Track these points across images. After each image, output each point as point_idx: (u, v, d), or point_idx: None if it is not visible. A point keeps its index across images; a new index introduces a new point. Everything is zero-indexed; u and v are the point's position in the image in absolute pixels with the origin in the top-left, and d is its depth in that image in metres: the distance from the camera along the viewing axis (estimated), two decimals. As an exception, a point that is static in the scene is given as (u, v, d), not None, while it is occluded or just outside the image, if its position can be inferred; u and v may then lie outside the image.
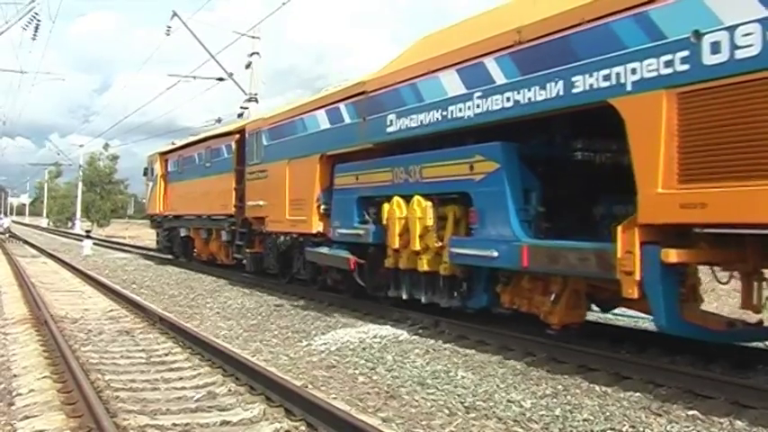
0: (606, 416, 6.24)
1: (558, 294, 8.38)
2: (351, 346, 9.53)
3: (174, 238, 25.29)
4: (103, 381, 7.53)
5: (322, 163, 13.20)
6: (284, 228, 14.75)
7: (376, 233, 11.24)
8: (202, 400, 6.86)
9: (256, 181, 16.41)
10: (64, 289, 17.38)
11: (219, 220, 19.58)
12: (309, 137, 13.72)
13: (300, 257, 14.63)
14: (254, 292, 16.05)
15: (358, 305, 12.75)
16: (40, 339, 10.00)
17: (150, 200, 28.02)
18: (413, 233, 10.20)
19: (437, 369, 8.12)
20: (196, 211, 21.91)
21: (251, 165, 16.79)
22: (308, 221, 13.47)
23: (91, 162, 73.52)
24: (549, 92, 7.82)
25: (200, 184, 21.58)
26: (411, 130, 10.37)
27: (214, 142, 20.74)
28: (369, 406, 6.62)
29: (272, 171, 15.44)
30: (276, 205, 14.98)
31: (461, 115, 9.29)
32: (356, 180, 11.95)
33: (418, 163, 10.25)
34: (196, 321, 12.00)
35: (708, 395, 6.59)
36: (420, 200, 10.11)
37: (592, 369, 7.79)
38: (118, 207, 77.30)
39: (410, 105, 10.36)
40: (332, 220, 12.70)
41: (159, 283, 18.72)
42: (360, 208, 11.88)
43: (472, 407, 6.59)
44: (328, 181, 13.08)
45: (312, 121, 13.62)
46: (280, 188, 14.77)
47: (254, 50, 26.33)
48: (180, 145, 25.28)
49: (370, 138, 11.50)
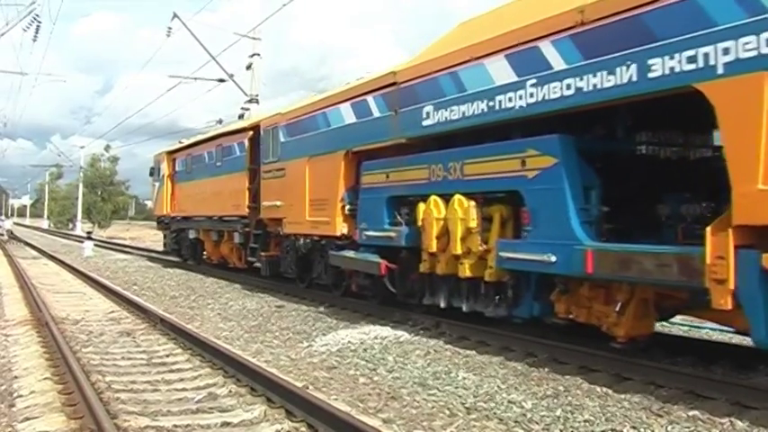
0: (607, 417, 6.24)
1: (624, 304, 7.53)
2: (352, 347, 9.53)
3: (183, 241, 24.44)
4: (104, 382, 7.53)
5: (347, 160, 12.40)
6: (304, 230, 14.01)
7: (409, 236, 10.44)
8: (203, 402, 6.86)
9: (272, 180, 15.57)
10: (65, 290, 17.39)
11: (232, 221, 18.70)
12: (332, 132, 12.88)
13: (321, 261, 13.91)
14: (255, 294, 16.05)
15: (358, 306, 12.75)
16: (40, 341, 10.00)
17: (157, 201, 26.91)
18: (453, 236, 9.40)
19: (438, 370, 8.12)
20: (206, 212, 20.95)
21: (266, 163, 15.95)
22: (331, 223, 12.70)
23: (92, 163, 73.51)
24: (620, 77, 7.00)
25: (210, 183, 20.67)
26: (451, 123, 9.56)
27: (225, 140, 19.78)
28: (370, 407, 6.62)
29: (290, 169, 14.61)
30: (295, 206, 14.22)
31: (511, 105, 8.47)
32: (386, 178, 11.13)
33: (459, 159, 9.47)
34: (197, 323, 12.00)
35: (709, 396, 6.60)
36: (462, 199, 9.32)
37: (593, 370, 7.80)
38: (119, 208, 77.26)
39: (450, 96, 9.54)
40: (358, 221, 11.86)
41: (160, 285, 18.72)
42: (390, 208, 11.09)
43: (473, 408, 6.59)
44: (354, 179, 12.35)
45: (335, 115, 12.78)
46: (299, 188, 13.97)
47: (255, 52, 26.36)
48: (188, 143, 24.32)
49: (403, 132, 10.67)
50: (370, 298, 12.49)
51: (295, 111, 14.76)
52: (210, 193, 20.52)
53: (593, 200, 7.80)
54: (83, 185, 71.30)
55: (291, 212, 14.43)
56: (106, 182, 73.99)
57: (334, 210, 12.58)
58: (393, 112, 10.85)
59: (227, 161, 19.36)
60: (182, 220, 23.94)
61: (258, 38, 26.18)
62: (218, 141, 20.33)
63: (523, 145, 8.39)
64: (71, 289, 17.83)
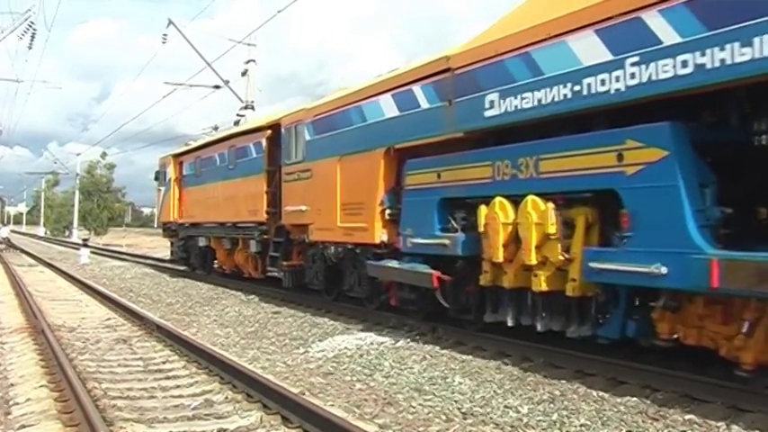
0: (603, 421, 6.25)
1: (753, 323, 6.29)
2: (348, 353, 9.53)
3: (192, 249, 22.83)
4: (100, 389, 7.52)
5: (387, 158, 11.14)
6: (335, 237, 12.69)
7: (467, 243, 9.19)
8: (199, 408, 6.86)
9: (296, 183, 14.25)
10: (61, 298, 17.37)
11: (248, 228, 17.30)
12: (370, 128, 11.57)
13: (354, 272, 12.66)
14: (251, 300, 16.04)
15: (355, 312, 12.75)
16: (36, 348, 10.00)
17: (163, 206, 25.17)
18: (525, 243, 8.10)
19: (434, 375, 8.12)
20: (218, 218, 19.52)
21: (289, 164, 14.63)
22: (368, 229, 11.42)
23: (89, 170, 73.50)
24: (760, 49, 5.76)
25: (222, 188, 19.25)
26: (522, 112, 8.27)
27: (239, 140, 18.22)
28: (366, 413, 6.62)
29: (317, 170, 13.31)
30: (323, 211, 12.95)
31: (603, 90, 7.21)
32: (437, 178, 9.83)
33: (533, 154, 8.18)
34: (193, 329, 11.99)
35: (704, 399, 6.60)
36: (536, 201, 8.01)
37: (588, 374, 7.80)
38: (115, 215, 77.24)
39: (521, 81, 8.24)
40: (401, 227, 10.60)
41: (156, 292, 18.71)
42: (443, 212, 9.84)
43: (469, 413, 6.59)
44: (395, 180, 11.15)
45: (373, 108, 11.47)
46: (328, 190, 12.70)
47: (250, 58, 26.42)
48: (197, 145, 22.69)
49: (460, 125, 9.36)
50: (413, 313, 11.30)
51: (323, 105, 13.44)
52: (223, 198, 19.20)
53: (709, 200, 6.62)
54: (79, 193, 71.28)
55: (319, 218, 13.19)
56: (102, 189, 73.98)
57: (371, 214, 11.34)
58: (446, 103, 9.60)
59: (241, 163, 17.90)
60: (190, 227, 22.49)
61: (253, 44, 26.30)
62: (231, 142, 18.85)
63: (621, 136, 7.13)
64: (67, 296, 17.82)
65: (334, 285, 13.76)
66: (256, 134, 17.03)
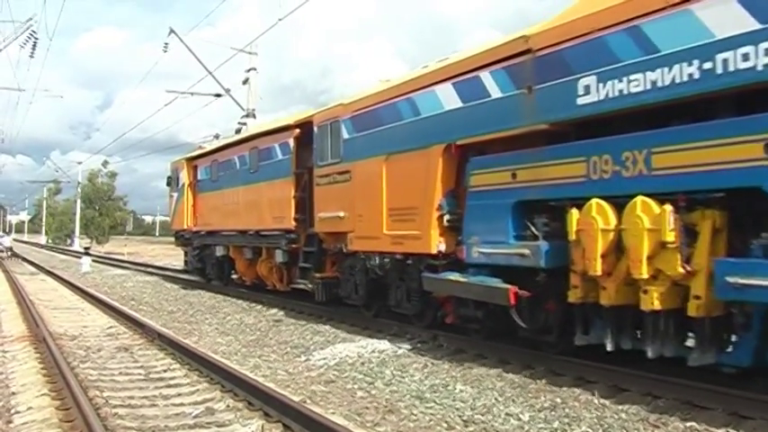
0: (604, 428, 6.25)
1: None
2: (349, 361, 9.53)
3: (207, 259, 21.36)
4: (102, 398, 7.52)
5: (447, 156, 9.83)
6: (379, 246, 11.35)
7: (551, 253, 7.93)
8: (201, 417, 6.86)
9: (332, 186, 12.93)
10: (62, 306, 17.38)
11: (273, 236, 15.84)
12: (424, 122, 10.27)
13: (402, 286, 11.33)
14: (252, 308, 16.04)
15: (356, 320, 12.75)
16: (38, 357, 10.01)
17: (175, 213, 23.71)
18: (633, 253, 6.87)
19: (436, 383, 8.12)
20: (238, 225, 18.11)
21: (322, 166, 13.26)
22: (422, 238, 10.12)
23: (90, 179, 73.62)
24: None
25: (242, 193, 17.88)
26: (630, 98, 7.07)
27: (262, 141, 16.78)
28: (367, 420, 6.62)
29: (358, 172, 12.00)
30: (366, 217, 11.69)
31: (747, 66, 6.04)
32: (512, 178, 8.55)
33: (644, 146, 6.94)
34: (195, 337, 11.99)
35: (706, 406, 6.60)
36: (648, 203, 6.78)
37: (590, 381, 7.80)
38: (117, 224, 77.31)
39: (629, 60, 7.07)
40: (465, 234, 9.35)
41: (158, 300, 18.71)
42: (519, 217, 8.55)
43: (471, 420, 6.59)
44: (455, 181, 9.94)
45: (428, 100, 10.18)
46: (372, 194, 11.43)
47: (252, 66, 26.48)
48: (213, 148, 21.26)
49: (544, 115, 8.11)
50: (473, 333, 10.01)
51: (365, 99, 12.04)
52: (243, 204, 17.84)
53: None
54: (81, 201, 71.36)
55: (360, 225, 11.89)
56: (104, 197, 74.05)
57: (427, 221, 10.03)
58: (524, 91, 8.35)
59: (265, 166, 16.52)
60: (206, 236, 21.01)
61: (254, 52, 26.33)
62: (253, 144, 17.44)
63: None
64: (69, 304, 17.83)
65: (376, 300, 12.45)
66: (283, 134, 15.63)
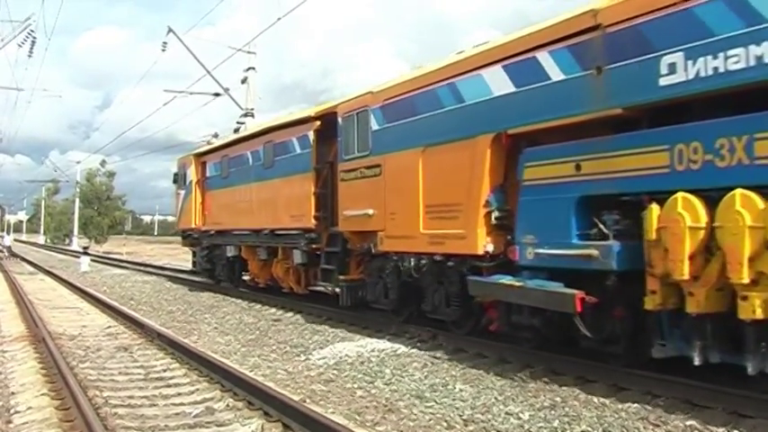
0: (604, 427, 6.25)
1: None
2: (349, 360, 9.53)
3: (217, 259, 20.38)
4: (101, 397, 7.52)
5: (496, 147, 8.96)
6: (415, 247, 10.47)
7: (625, 254, 7.11)
8: (201, 416, 6.86)
9: (359, 181, 12.03)
10: (62, 306, 17.37)
11: (290, 235, 14.97)
12: (469, 110, 9.39)
13: (440, 289, 10.39)
14: (252, 307, 16.03)
15: (355, 319, 12.74)
16: (37, 356, 10.00)
17: (183, 212, 22.63)
18: (733, 254, 6.08)
19: (435, 382, 8.12)
20: (251, 224, 17.16)
21: (348, 159, 12.38)
22: (467, 237, 9.27)
23: (88, 178, 73.54)
24: None
25: (256, 190, 16.95)
26: (730, 76, 6.24)
27: (278, 135, 15.79)
28: (367, 420, 6.62)
29: (389, 165, 11.12)
30: (399, 215, 10.83)
31: None
32: (576, 170, 7.68)
33: (745, 132, 6.12)
34: (194, 337, 11.98)
35: (706, 405, 6.62)
36: (750, 196, 6.02)
37: (590, 380, 7.81)
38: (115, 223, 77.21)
39: (727, 34, 6.24)
40: (517, 233, 8.52)
41: (157, 299, 18.70)
42: (584, 214, 7.67)
43: (470, 419, 6.59)
44: (503, 175, 9.10)
45: (474, 85, 9.30)
46: (406, 189, 10.59)
47: (250, 66, 26.47)
48: (223, 143, 20.33)
49: (617, 99, 7.24)
50: (523, 342, 9.10)
51: (398, 86, 11.14)
52: (257, 202, 16.92)
53: None
54: (79, 200, 71.28)
55: (393, 224, 11.01)
56: (102, 197, 73.96)
57: (472, 218, 9.19)
58: (593, 71, 7.52)
59: (281, 161, 15.59)
60: (216, 235, 20.07)
61: (253, 52, 26.30)
62: (268, 138, 16.41)
63: None
64: (68, 304, 17.81)
65: (407, 304, 11.62)
66: (301, 126, 14.69)
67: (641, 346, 7.41)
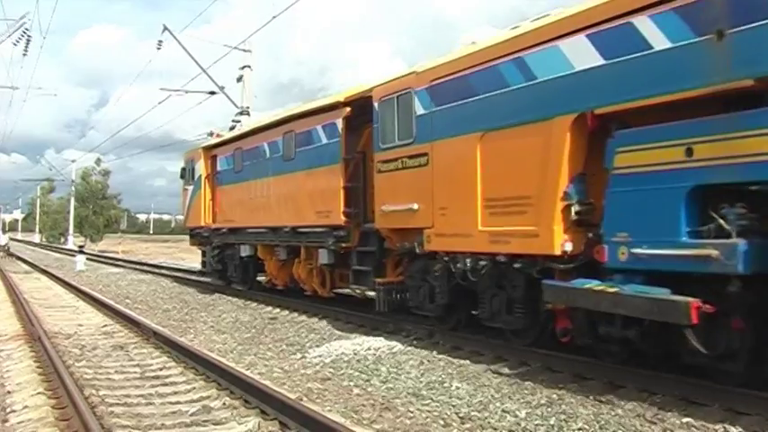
0: (601, 425, 6.26)
1: None
2: (345, 358, 9.53)
3: (230, 259, 19.05)
4: (98, 396, 7.50)
5: (577, 130, 7.75)
6: (472, 246, 9.24)
7: (754, 254, 6.04)
8: (197, 415, 6.85)
9: (400, 173, 10.79)
10: (57, 305, 17.33)
11: (315, 233, 13.82)
12: (542, 88, 8.18)
13: (500, 294, 9.19)
14: (248, 306, 16.01)
15: (352, 317, 12.74)
16: (33, 355, 9.97)
17: (191, 209, 21.31)
18: None
19: (432, 380, 8.13)
20: (268, 222, 15.93)
21: (386, 149, 11.14)
22: (540, 234, 8.06)
23: (83, 177, 73.45)
24: None
25: (274, 184, 15.68)
26: None
27: (300, 124, 14.52)
28: (364, 418, 6.63)
29: (438, 154, 9.92)
30: (451, 209, 9.67)
31: None
32: (687, 155, 6.50)
33: None
34: (190, 335, 11.98)
35: (702, 402, 6.63)
36: None
37: (586, 378, 7.81)
38: (111, 222, 77.16)
39: None
40: (606, 230, 7.30)
41: (153, 298, 18.68)
42: (697, 207, 6.55)
43: (467, 417, 6.60)
44: (583, 162, 7.91)
45: (549, 58, 8.09)
46: (460, 180, 9.40)
47: (246, 64, 26.44)
48: (236, 135, 18.93)
49: (748, 68, 6.10)
50: (605, 356, 7.91)
51: (449, 65, 9.87)
52: (275, 198, 15.68)
53: None
54: (74, 199, 71.19)
55: (443, 220, 9.81)
56: (97, 195, 73.90)
57: (546, 213, 8.01)
58: (711, 37, 6.38)
59: (303, 152, 14.35)
60: (228, 234, 18.74)
61: (248, 50, 26.26)
62: (288, 127, 15.08)
63: None
64: (63, 303, 17.78)
65: (456, 311, 10.47)
66: (328, 114, 13.44)
67: (766, 363, 6.37)
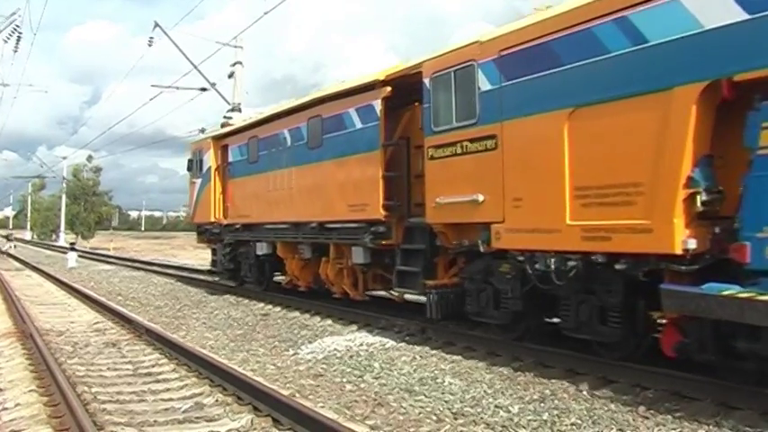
0: (594, 419, 6.28)
1: None
2: (338, 355, 9.53)
3: (243, 258, 17.57)
4: (90, 393, 7.48)
5: (705, 102, 6.52)
6: (559, 243, 7.82)
7: None
8: (190, 411, 6.84)
9: (459, 159, 9.40)
10: (49, 302, 17.27)
11: (348, 229, 12.49)
12: (655, 52, 6.86)
13: (590, 300, 7.92)
14: (240, 302, 15.99)
15: (344, 313, 12.73)
16: (25, 353, 9.93)
17: (199, 204, 19.79)
18: None
19: (424, 376, 8.13)
20: (289, 217, 14.54)
21: (439, 132, 9.76)
22: (653, 229, 6.77)
23: (75, 174, 73.18)
24: None
25: (297, 175, 14.26)
26: None
27: (329, 108, 13.11)
28: (357, 414, 6.63)
29: (512, 136, 8.52)
30: (529, 200, 8.28)
31: None
32: None
33: None
34: (182, 332, 11.95)
35: (694, 397, 6.66)
36: None
37: (579, 373, 7.84)
38: (102, 219, 76.92)
39: None
40: (746, 225, 6.12)
41: (145, 295, 18.63)
42: None
43: (460, 413, 6.61)
44: (710, 141, 6.67)
45: (666, 16, 6.80)
46: (541, 166, 8.04)
47: (237, 60, 26.36)
48: (251, 122, 17.12)
49: None
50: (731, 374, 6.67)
51: (523, 31, 8.50)
52: (298, 190, 14.25)
53: None
54: (66, 196, 70.92)
55: (517, 213, 8.44)
56: (89, 192, 73.63)
57: (662, 203, 6.74)
58: None
59: (332, 139, 12.95)
60: (242, 230, 17.24)
61: (240, 46, 26.18)
62: (314, 112, 13.70)
63: None
64: (55, 300, 17.72)
65: (525, 318, 9.11)
66: (363, 95, 12.03)
67: None
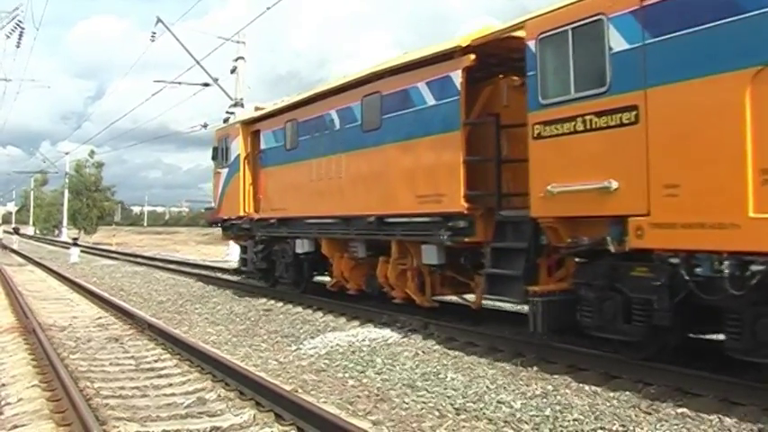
0: (596, 415, 6.27)
1: None
2: (340, 350, 9.53)
3: (278, 256, 15.73)
4: (93, 388, 7.49)
5: None
6: (734, 242, 6.13)
7: None
8: (192, 407, 6.85)
9: (579, 137, 7.72)
10: (52, 297, 17.29)
11: (415, 223, 10.82)
12: None
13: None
14: (242, 298, 15.99)
15: (346, 309, 12.73)
16: (28, 348, 9.94)
17: (225, 195, 17.88)
18: None
19: (427, 371, 8.13)
20: (338, 210, 12.87)
21: (549, 106, 8.11)
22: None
23: (77, 169, 73.21)
24: None
25: (348, 162, 12.59)
26: None
27: (391, 83, 11.38)
28: (359, 409, 6.62)
29: (663, 106, 6.81)
30: (688, 187, 6.55)
31: None
32: None
33: None
34: (185, 327, 11.96)
35: (697, 393, 6.65)
36: None
37: (581, 369, 7.83)
38: (105, 214, 76.97)
39: None
40: None
41: (147, 290, 18.64)
42: None
43: (462, 408, 6.60)
44: None
45: None
46: (709, 145, 6.39)
47: (239, 55, 26.37)
48: (289, 103, 15.21)
49: None
50: None
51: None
52: (350, 179, 12.56)
53: None
54: (68, 191, 70.97)
55: (671, 203, 6.68)
56: (91, 188, 73.67)
57: None
58: None
59: (395, 120, 11.20)
60: (277, 225, 15.35)
61: (242, 41, 26.19)
62: (370, 88, 11.96)
63: None
64: (58, 295, 17.74)
65: (665, 335, 7.27)
66: (438, 66, 10.30)
67: None
